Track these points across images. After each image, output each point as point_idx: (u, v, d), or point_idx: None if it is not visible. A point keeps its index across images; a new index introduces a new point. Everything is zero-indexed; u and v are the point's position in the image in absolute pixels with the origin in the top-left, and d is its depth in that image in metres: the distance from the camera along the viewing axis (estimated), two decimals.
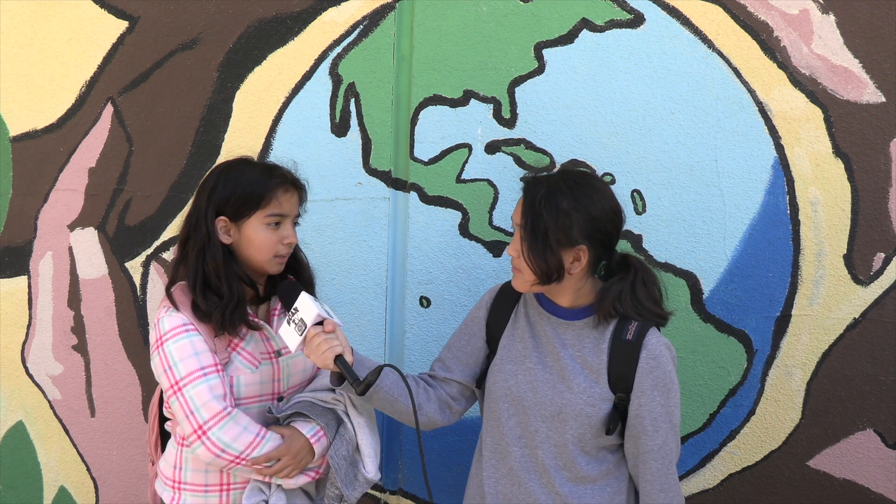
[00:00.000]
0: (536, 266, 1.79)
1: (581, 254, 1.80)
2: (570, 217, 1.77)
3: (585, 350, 1.86)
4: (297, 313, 1.80)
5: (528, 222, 1.79)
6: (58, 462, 2.72)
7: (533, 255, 1.78)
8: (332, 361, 1.76)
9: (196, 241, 1.88)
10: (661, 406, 1.80)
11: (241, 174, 1.90)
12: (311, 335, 1.77)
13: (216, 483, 1.94)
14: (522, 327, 1.94)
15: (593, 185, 1.84)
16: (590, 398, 1.82)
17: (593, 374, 1.84)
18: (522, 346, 1.92)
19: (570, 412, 1.83)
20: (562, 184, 1.81)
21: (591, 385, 1.83)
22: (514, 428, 1.89)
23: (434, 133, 2.44)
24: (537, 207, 1.78)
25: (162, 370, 1.86)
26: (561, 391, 1.84)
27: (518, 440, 1.89)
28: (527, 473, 1.87)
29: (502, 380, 1.91)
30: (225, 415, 1.82)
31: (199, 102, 2.49)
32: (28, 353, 2.67)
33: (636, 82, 2.37)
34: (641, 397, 1.80)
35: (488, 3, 2.39)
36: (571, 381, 1.84)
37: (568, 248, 1.79)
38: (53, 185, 2.58)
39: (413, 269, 2.49)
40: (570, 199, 1.78)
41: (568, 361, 1.85)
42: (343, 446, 1.94)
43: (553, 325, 1.89)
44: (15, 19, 2.51)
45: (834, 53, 2.31)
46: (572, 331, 1.88)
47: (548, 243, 1.77)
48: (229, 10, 2.45)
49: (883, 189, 2.34)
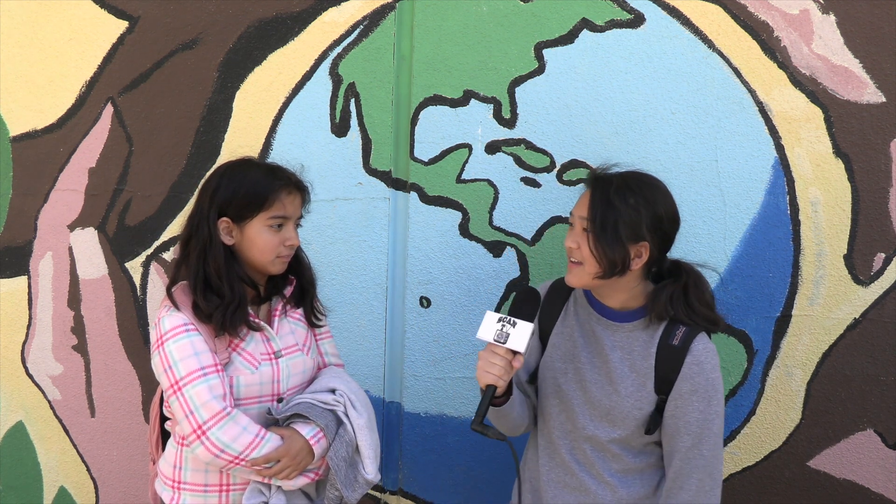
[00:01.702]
0: (603, 257, 1.81)
1: (643, 250, 1.83)
2: (638, 212, 1.81)
3: (634, 353, 1.88)
4: (512, 326, 1.78)
5: (597, 215, 1.82)
6: (58, 462, 2.72)
7: (600, 247, 1.81)
8: (485, 384, 1.77)
9: (198, 241, 1.88)
10: (698, 412, 1.82)
11: (245, 175, 1.90)
12: (500, 352, 1.77)
13: (216, 483, 1.94)
14: (572, 326, 1.98)
15: (658, 186, 1.89)
16: (637, 402, 1.86)
17: (641, 378, 1.87)
18: (572, 344, 1.96)
19: (617, 414, 1.88)
20: (631, 181, 1.85)
21: (638, 389, 1.87)
22: (563, 424, 1.95)
23: (434, 133, 2.44)
24: (608, 200, 1.81)
25: (162, 370, 1.86)
26: (609, 393, 1.89)
27: (566, 435, 1.95)
28: (577, 464, 1.94)
29: (552, 377, 1.97)
30: (224, 415, 1.82)
31: (199, 102, 2.49)
32: (28, 354, 2.67)
33: (636, 82, 2.37)
34: (678, 400, 1.83)
35: (488, 3, 2.39)
36: (619, 385, 1.88)
37: (633, 242, 1.82)
38: (53, 185, 2.58)
39: (413, 269, 2.49)
40: (638, 195, 1.82)
41: (617, 364, 1.89)
42: (343, 448, 1.94)
43: (603, 325, 1.93)
44: (15, 19, 2.51)
45: (834, 53, 2.31)
46: (622, 333, 1.90)
47: (617, 235, 1.80)
48: (229, 10, 2.45)
49: (883, 189, 2.34)
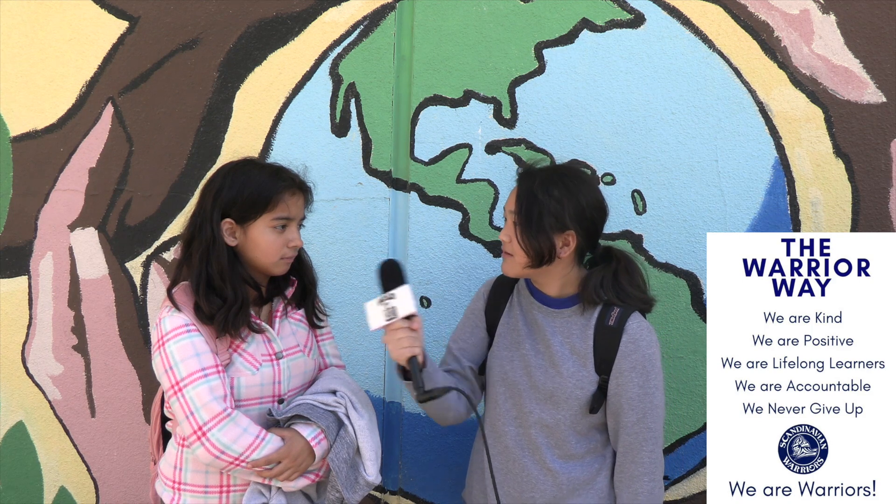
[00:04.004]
0: (530, 248, 1.90)
1: (570, 238, 1.92)
2: (561, 203, 1.90)
3: (573, 336, 1.97)
4: (392, 300, 1.83)
5: (522, 208, 1.92)
6: (58, 462, 2.72)
7: (526, 238, 1.90)
8: (406, 360, 1.82)
9: (200, 242, 1.87)
10: (638, 387, 1.92)
11: (248, 176, 1.89)
12: (396, 326, 1.82)
13: (216, 484, 1.93)
14: (516, 316, 2.05)
15: (582, 178, 1.99)
16: (578, 381, 1.95)
17: (581, 359, 1.96)
18: (516, 333, 2.04)
19: (560, 395, 1.95)
20: (554, 174, 1.95)
21: (578, 369, 1.95)
22: (510, 409, 2.02)
23: (434, 133, 2.44)
24: (532, 194, 1.91)
25: (163, 370, 1.85)
26: (552, 375, 1.97)
27: (513, 421, 2.02)
28: (520, 451, 2.01)
29: (498, 365, 2.04)
30: (225, 416, 1.82)
31: (199, 102, 2.49)
32: (28, 354, 2.67)
33: (636, 82, 2.37)
34: (619, 378, 1.93)
35: (488, 3, 2.39)
36: (561, 367, 1.96)
37: (558, 232, 1.91)
38: (53, 185, 2.58)
39: (413, 269, 2.49)
40: (561, 187, 1.91)
41: (558, 347, 1.97)
42: (344, 449, 1.94)
43: (543, 313, 2.01)
44: (15, 19, 2.51)
45: (834, 53, 2.31)
46: (560, 318, 1.99)
47: (541, 226, 1.89)
48: (229, 10, 2.45)
49: (883, 189, 2.34)
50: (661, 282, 2.39)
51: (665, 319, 2.41)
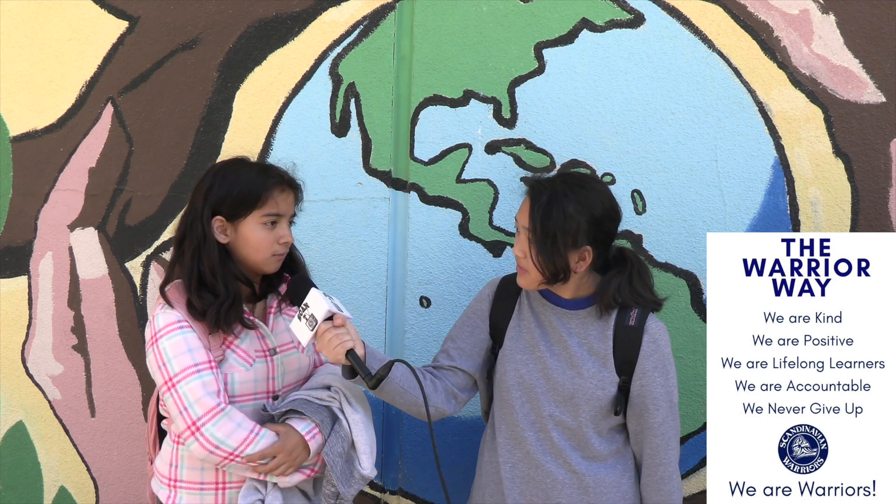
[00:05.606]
0: (545, 268, 1.89)
1: (586, 254, 1.91)
2: (576, 221, 1.87)
3: (591, 337, 1.96)
4: (307, 309, 1.82)
5: (536, 226, 1.88)
6: (58, 462, 2.72)
7: (542, 258, 1.88)
8: (344, 356, 1.80)
9: (192, 240, 1.89)
10: (661, 386, 1.93)
11: (238, 174, 1.91)
12: (321, 330, 1.80)
13: (212, 481, 1.94)
14: (528, 318, 2.02)
15: (594, 188, 1.96)
16: (599, 382, 1.94)
17: (601, 360, 1.95)
18: (530, 335, 2.01)
19: (581, 396, 1.94)
20: (566, 188, 1.91)
21: (599, 370, 1.94)
22: (528, 414, 1.98)
23: (434, 133, 2.44)
24: (546, 211, 1.87)
25: (156, 367, 1.87)
26: (572, 377, 1.95)
27: (532, 425, 1.98)
28: (543, 455, 1.97)
29: (513, 368, 2.00)
30: (218, 411, 1.83)
31: (199, 102, 2.49)
32: (28, 353, 2.67)
33: (636, 82, 2.37)
34: (643, 378, 1.93)
35: (488, 3, 2.39)
36: (581, 367, 1.95)
37: (574, 250, 1.89)
38: (53, 185, 2.58)
39: (413, 269, 2.49)
40: (575, 203, 1.88)
41: (576, 349, 1.96)
42: (338, 443, 1.94)
43: (558, 315, 1.99)
44: (15, 19, 2.51)
45: (834, 53, 2.31)
46: (577, 319, 1.98)
47: (556, 247, 1.87)
48: (229, 10, 2.45)
49: (883, 189, 2.34)
50: (661, 282, 2.39)
51: (665, 319, 2.40)
